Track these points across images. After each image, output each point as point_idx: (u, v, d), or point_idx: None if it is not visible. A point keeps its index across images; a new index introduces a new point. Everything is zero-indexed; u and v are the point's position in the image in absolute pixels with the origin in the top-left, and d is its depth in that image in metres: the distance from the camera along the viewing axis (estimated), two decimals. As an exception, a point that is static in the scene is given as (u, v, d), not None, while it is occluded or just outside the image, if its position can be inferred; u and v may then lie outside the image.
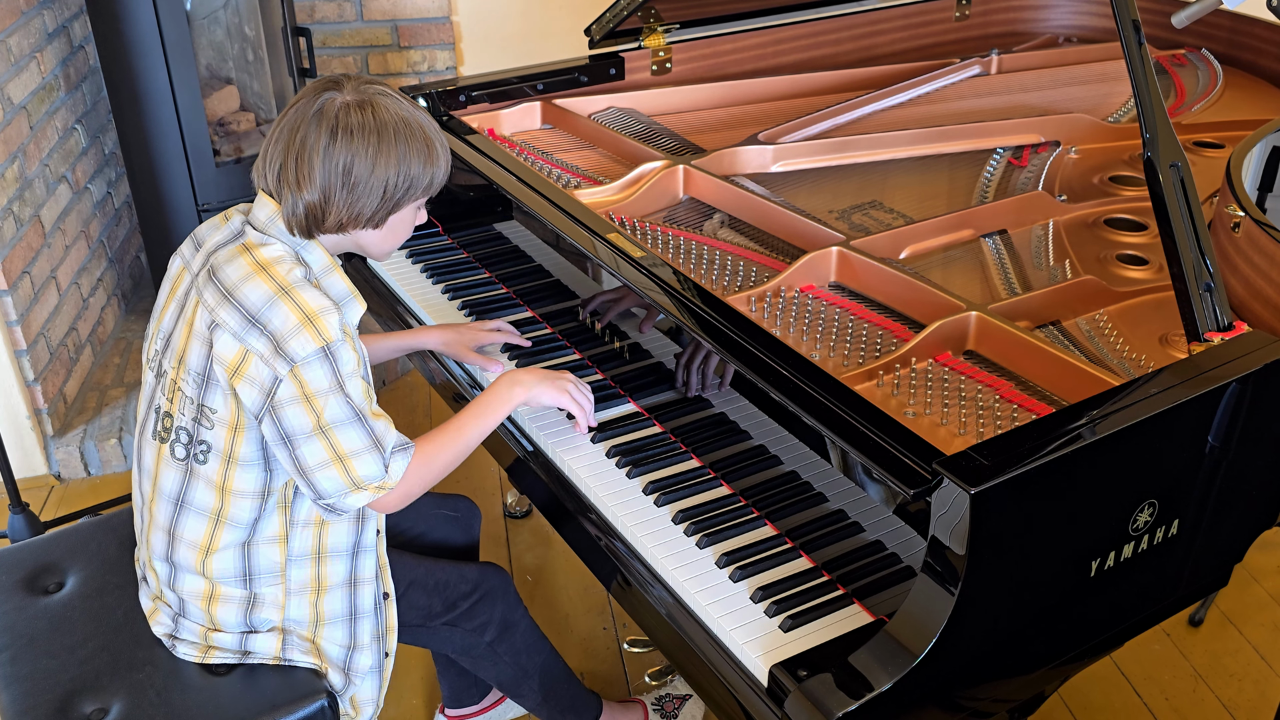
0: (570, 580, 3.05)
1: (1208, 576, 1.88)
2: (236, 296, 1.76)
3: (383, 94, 1.83)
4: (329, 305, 1.77)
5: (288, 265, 1.80)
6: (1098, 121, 2.72)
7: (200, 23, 3.56)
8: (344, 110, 1.78)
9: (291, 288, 1.76)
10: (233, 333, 1.75)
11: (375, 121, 1.79)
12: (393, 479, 1.83)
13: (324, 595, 1.95)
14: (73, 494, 3.47)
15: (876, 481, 1.66)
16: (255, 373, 1.74)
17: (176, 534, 1.90)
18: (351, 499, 1.81)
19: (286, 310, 1.74)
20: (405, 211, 1.90)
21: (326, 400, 1.75)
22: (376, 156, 1.79)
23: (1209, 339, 1.71)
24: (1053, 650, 1.71)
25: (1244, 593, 2.97)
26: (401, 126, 1.82)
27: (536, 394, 2.01)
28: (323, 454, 1.77)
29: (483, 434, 1.98)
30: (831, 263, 2.15)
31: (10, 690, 1.91)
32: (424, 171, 1.85)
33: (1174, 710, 2.64)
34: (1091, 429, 1.53)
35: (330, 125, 1.78)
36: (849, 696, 1.48)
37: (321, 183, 1.79)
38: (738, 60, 3.12)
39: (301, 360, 1.72)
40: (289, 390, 1.74)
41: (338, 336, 1.75)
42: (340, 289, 1.86)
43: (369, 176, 1.80)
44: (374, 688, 2.04)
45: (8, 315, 3.25)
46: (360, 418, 1.78)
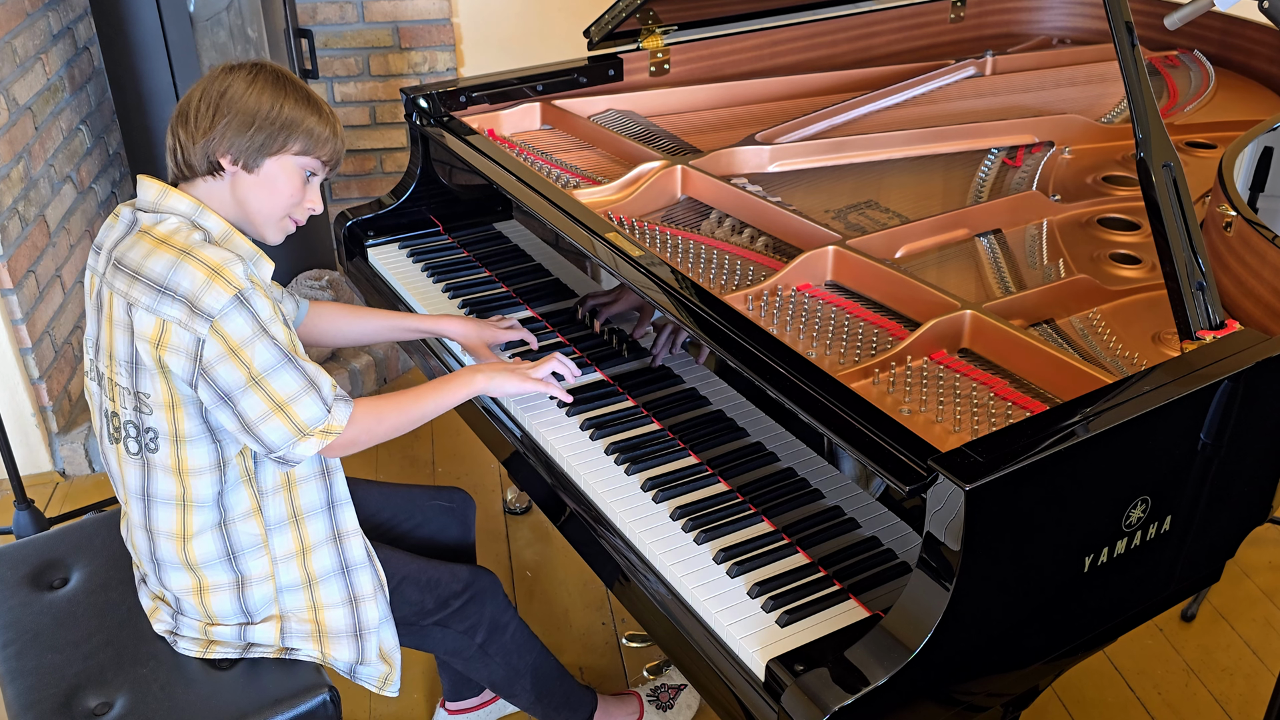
0: (569, 576, 3.06)
1: (1200, 572, 1.88)
2: (143, 272, 1.77)
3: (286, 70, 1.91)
4: (232, 257, 1.78)
5: (185, 232, 1.81)
6: (1091, 122, 2.72)
7: (203, 24, 3.56)
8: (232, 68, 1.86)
9: (192, 248, 1.77)
10: (147, 307, 1.76)
11: (256, 70, 1.86)
12: (337, 421, 1.84)
13: (310, 555, 1.97)
14: (77, 490, 3.48)
15: (872, 478, 1.67)
16: (177, 340, 1.75)
17: (153, 529, 1.91)
18: (300, 447, 1.82)
19: (191, 269, 1.74)
20: (283, 160, 1.89)
21: (253, 348, 1.76)
22: (249, 86, 1.84)
23: (1201, 337, 1.72)
24: (1047, 645, 1.72)
25: (1236, 588, 2.98)
26: (302, 90, 1.88)
27: (499, 382, 2.04)
28: (262, 405, 1.78)
29: (438, 410, 2.00)
30: (828, 262, 2.16)
31: (15, 685, 1.92)
32: (300, 118, 1.87)
33: (1166, 704, 2.65)
34: (1085, 426, 1.54)
35: (216, 75, 1.86)
36: (845, 691, 1.49)
37: (195, 110, 1.84)
38: (735, 61, 3.12)
39: (219, 313, 1.73)
40: (214, 348, 1.75)
41: (246, 284, 1.76)
42: (245, 248, 1.88)
43: (238, 100, 1.83)
44: (393, 635, 2.05)
45: (13, 314, 3.27)
46: (289, 358, 1.79)
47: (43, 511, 3.11)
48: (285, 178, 1.90)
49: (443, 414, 2.03)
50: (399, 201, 2.78)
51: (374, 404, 1.92)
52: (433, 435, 3.68)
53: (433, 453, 3.59)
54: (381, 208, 2.79)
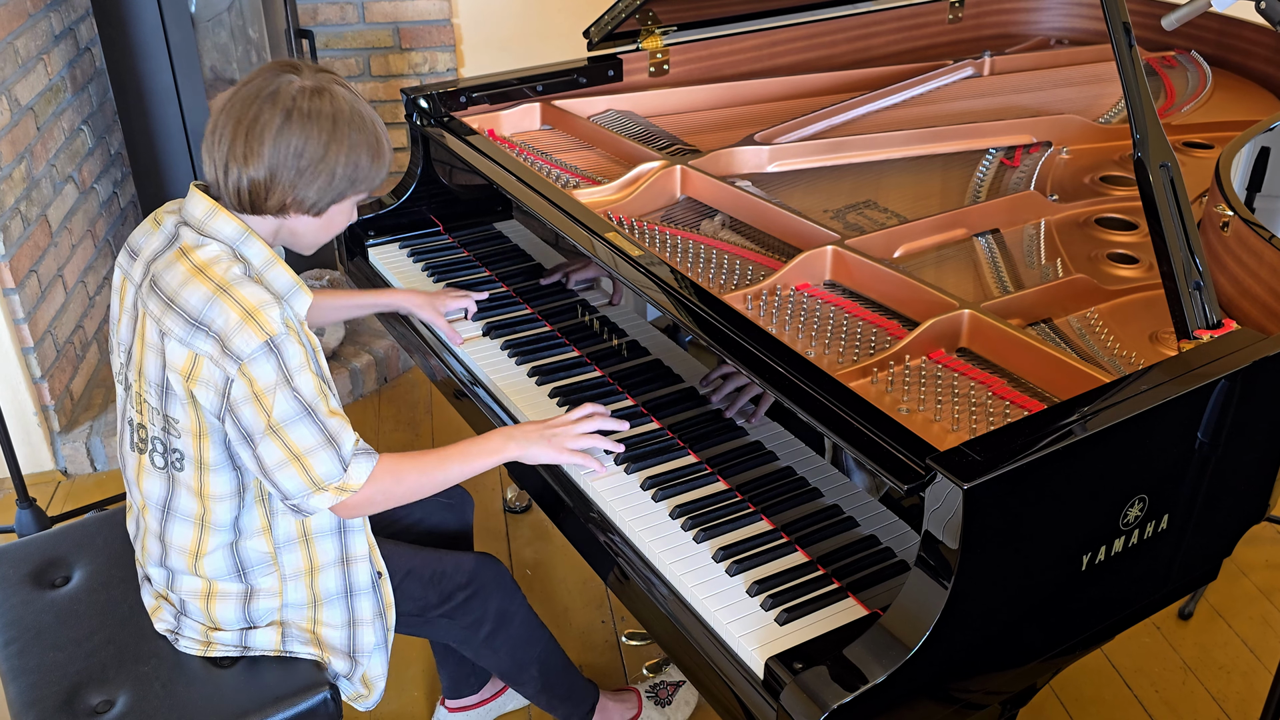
0: (569, 574, 3.06)
1: (1197, 570, 1.89)
2: (178, 302, 1.75)
3: (339, 84, 1.83)
4: (269, 299, 1.75)
5: (225, 264, 1.77)
6: (1089, 122, 2.72)
7: (204, 25, 3.57)
8: (301, 94, 1.77)
9: (230, 285, 1.74)
10: (179, 339, 1.74)
11: (331, 109, 1.78)
12: (353, 480, 1.81)
13: (318, 575, 1.96)
14: (79, 489, 3.49)
15: (871, 477, 1.67)
16: (208, 374, 1.73)
17: (167, 540, 1.92)
18: (315, 500, 1.80)
19: (226, 308, 1.72)
20: (346, 204, 1.89)
21: (274, 396, 1.73)
22: (329, 143, 1.78)
23: (1198, 336, 1.72)
24: (1044, 643, 1.72)
25: (1233, 586, 2.98)
26: (355, 118, 1.81)
27: (533, 453, 1.96)
28: (279, 453, 1.76)
29: (463, 475, 1.94)
30: (826, 261, 2.16)
31: (18, 682, 1.93)
32: (371, 166, 1.85)
33: (1164, 702, 2.65)
34: (1083, 425, 1.54)
35: (286, 106, 1.76)
36: (843, 689, 1.49)
37: (270, 161, 1.77)
38: (734, 62, 3.13)
39: (248, 357, 1.71)
40: (240, 389, 1.72)
41: (280, 330, 1.73)
42: (285, 281, 1.84)
43: (319, 161, 1.79)
44: (382, 663, 2.05)
45: (15, 313, 3.27)
46: (309, 412, 1.76)
47: (44, 510, 3.11)
48: (344, 215, 1.92)
49: (442, 414, 2.03)
50: (399, 201, 2.79)
51: (395, 463, 1.88)
52: (433, 432, 3.68)
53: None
54: (382, 207, 2.79)
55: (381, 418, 3.77)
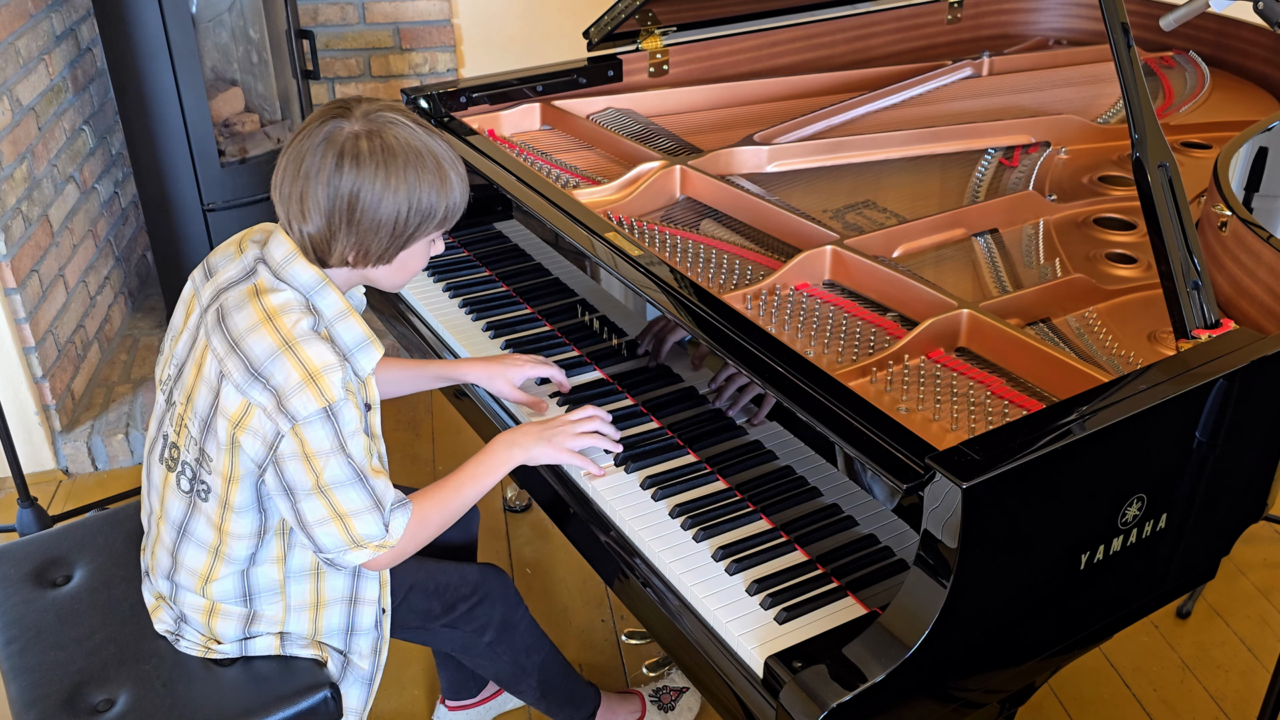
0: (569, 573, 3.07)
1: (1195, 569, 1.89)
2: (242, 348, 1.71)
3: (393, 122, 1.74)
4: (333, 362, 1.70)
5: (295, 315, 1.73)
6: (1087, 122, 2.72)
7: (205, 25, 3.58)
8: (351, 139, 1.70)
9: (296, 342, 1.70)
10: (236, 385, 1.71)
11: (383, 151, 1.70)
12: (393, 538, 1.80)
13: (323, 610, 1.96)
14: (80, 488, 3.49)
15: (870, 476, 1.66)
16: (258, 424, 1.71)
17: (179, 559, 1.91)
18: (351, 556, 1.79)
19: (289, 366, 1.68)
20: (418, 246, 1.82)
21: (327, 461, 1.71)
22: (384, 189, 1.70)
23: (1196, 336, 1.72)
24: (1043, 642, 1.72)
25: (1231, 585, 2.98)
26: (413, 156, 1.72)
27: (534, 455, 1.95)
28: (322, 511, 1.74)
29: (478, 495, 1.95)
30: (826, 261, 2.17)
31: (19, 681, 1.93)
32: (437, 203, 1.76)
33: (1162, 701, 2.66)
34: (1081, 425, 1.54)
35: (336, 154, 1.69)
36: (843, 687, 1.49)
37: (327, 214, 1.71)
38: (733, 62, 3.13)
39: (303, 420, 1.68)
40: (290, 446, 1.70)
41: (340, 396, 1.69)
42: (355, 334, 1.80)
43: (376, 210, 1.71)
44: (361, 697, 2.04)
45: (16, 313, 3.28)
46: (361, 478, 1.74)
47: (45, 509, 3.12)
48: (418, 258, 1.85)
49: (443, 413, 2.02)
50: (400, 201, 2.78)
51: (419, 509, 1.86)
52: (433, 434, 3.69)
53: (433, 451, 3.60)
54: (382, 208, 2.79)
55: (383, 417, 3.76)
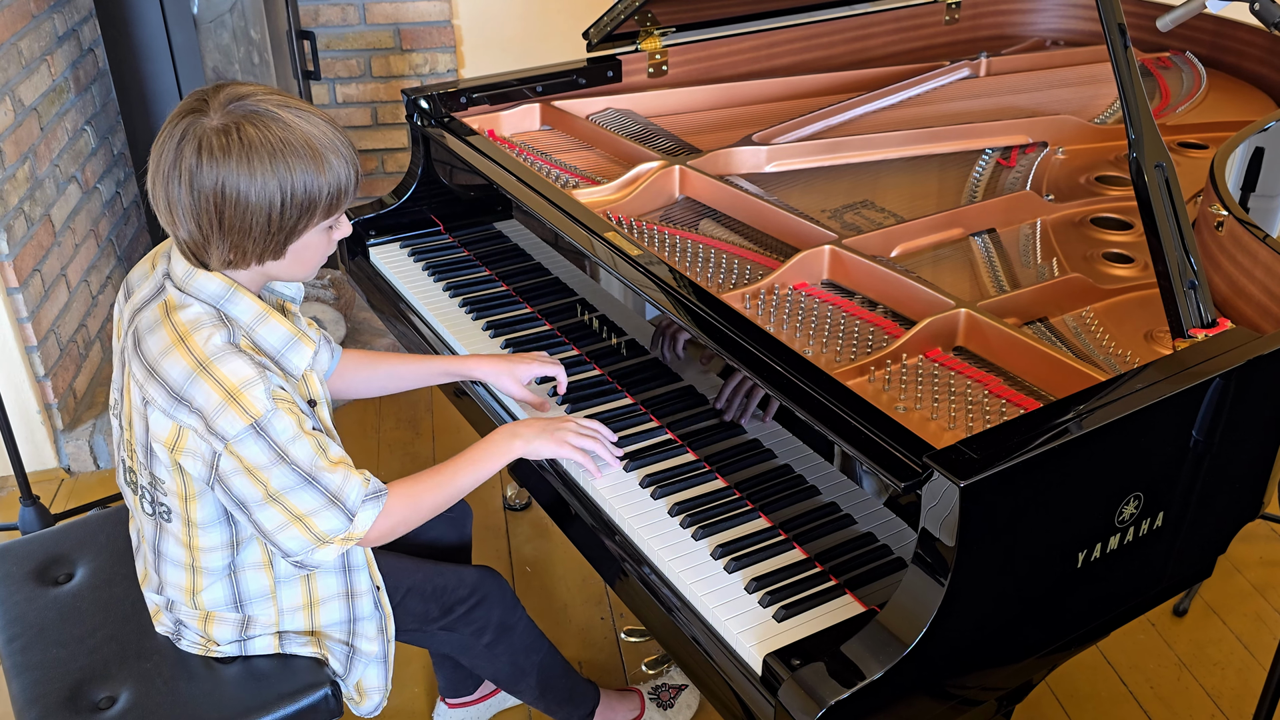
0: (568, 571, 3.07)
1: (1192, 567, 1.89)
2: (159, 373, 1.66)
3: (255, 110, 1.64)
4: (250, 376, 1.64)
5: (206, 331, 1.66)
6: (1084, 123, 2.73)
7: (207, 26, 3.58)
8: (209, 135, 1.61)
9: (209, 362, 1.64)
10: (162, 410, 1.67)
11: (244, 144, 1.60)
12: (359, 529, 1.76)
13: (318, 609, 1.96)
14: (82, 487, 3.50)
15: (868, 475, 1.67)
16: (194, 445, 1.67)
17: (162, 577, 1.91)
18: (319, 554, 1.75)
19: (208, 388, 1.63)
20: (309, 236, 1.72)
21: (270, 472, 1.67)
22: (249, 185, 1.61)
23: (1193, 335, 1.73)
24: (1040, 639, 1.72)
25: (1227, 583, 2.99)
26: (279, 145, 1.62)
27: (536, 447, 1.94)
28: (279, 517, 1.71)
29: (475, 483, 1.91)
30: (824, 261, 2.17)
31: (21, 679, 1.93)
32: (316, 190, 1.66)
33: (1159, 698, 2.66)
34: (1078, 423, 1.54)
35: (194, 152, 1.61)
36: (841, 685, 1.49)
37: (195, 216, 1.63)
38: (732, 63, 3.13)
39: (233, 438, 1.64)
40: (230, 463, 1.66)
41: (266, 408, 1.64)
42: (279, 334, 1.75)
43: (244, 208, 1.62)
44: (380, 675, 2.05)
45: (19, 312, 3.29)
46: (310, 480, 1.70)
47: (48, 508, 3.12)
48: (314, 246, 1.76)
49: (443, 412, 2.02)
50: (400, 201, 2.79)
51: (410, 489, 1.83)
52: (433, 433, 3.69)
53: (433, 450, 3.61)
54: (383, 207, 2.80)
55: (382, 416, 3.78)
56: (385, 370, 2.19)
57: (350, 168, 1.70)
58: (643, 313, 2.10)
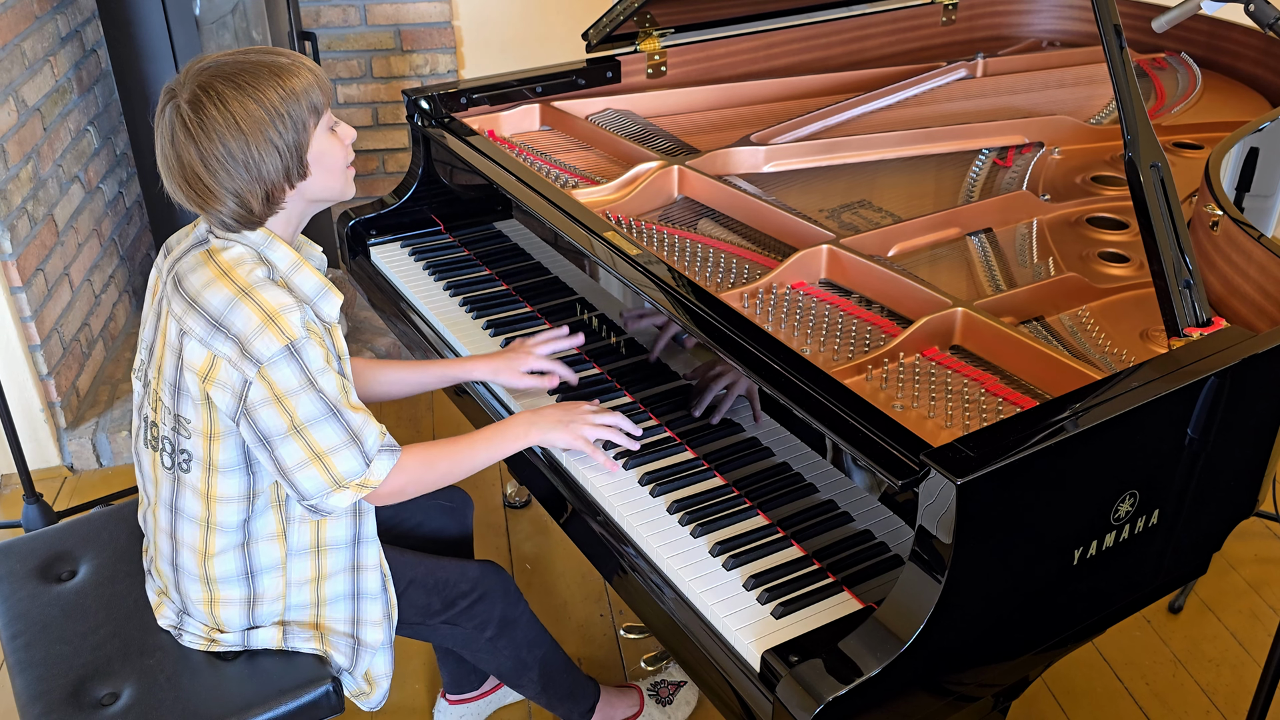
0: (568, 568, 3.08)
1: (1187, 565, 1.90)
2: (200, 303, 1.74)
3: (207, 66, 1.74)
4: (291, 303, 1.73)
5: (249, 266, 1.77)
6: (1080, 123, 2.73)
7: (209, 27, 3.58)
8: (189, 108, 1.70)
9: (252, 288, 1.73)
10: (199, 339, 1.73)
11: (217, 94, 1.70)
12: (375, 476, 1.81)
13: (324, 582, 1.97)
14: (85, 485, 3.50)
15: (866, 472, 1.68)
16: (225, 376, 1.73)
17: (177, 538, 1.92)
18: (334, 498, 1.80)
19: (248, 311, 1.71)
20: (316, 142, 1.80)
21: (298, 399, 1.72)
22: (243, 119, 1.70)
23: (1188, 334, 1.74)
24: (1037, 636, 1.73)
25: (1222, 580, 2.99)
26: (244, 77, 1.71)
27: (551, 437, 1.98)
28: (300, 454, 1.75)
29: (490, 460, 1.97)
30: (822, 260, 2.18)
31: (25, 675, 1.94)
32: (296, 93, 1.74)
33: (1154, 694, 2.67)
34: (1074, 422, 1.55)
35: (194, 130, 1.70)
36: (839, 681, 1.50)
37: (227, 186, 1.73)
38: (731, 64, 3.14)
39: (268, 360, 1.70)
40: (259, 392, 1.72)
41: (301, 334, 1.72)
42: (313, 283, 1.83)
43: (252, 144, 1.71)
44: (387, 663, 2.06)
45: (22, 311, 3.29)
46: (335, 412, 1.76)
47: (51, 505, 3.12)
48: (328, 151, 1.82)
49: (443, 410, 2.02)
50: (401, 201, 2.80)
51: (426, 451, 1.89)
52: (434, 427, 3.70)
53: (433, 449, 3.61)
54: (384, 207, 2.81)
55: (383, 414, 3.78)
56: (386, 377, 2.22)
57: (310, 71, 1.78)
58: (642, 312, 2.11)
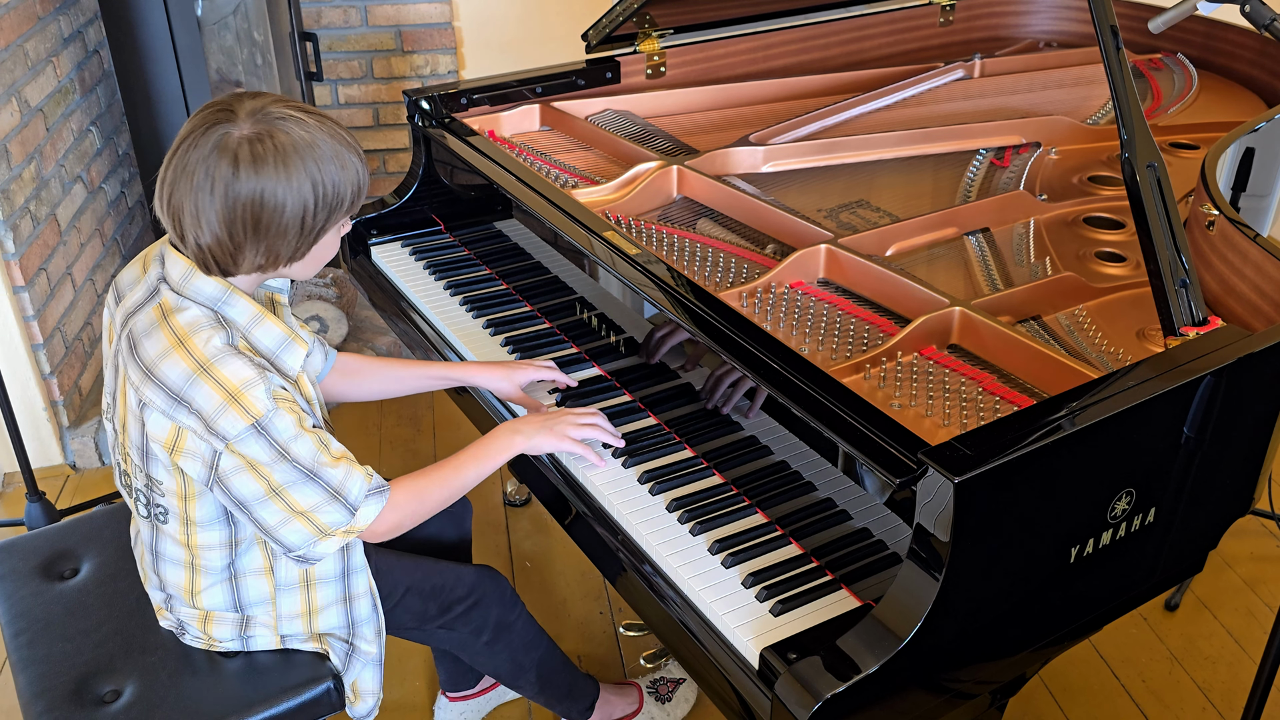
0: (568, 566, 3.09)
1: (1183, 562, 1.90)
2: (157, 375, 1.66)
3: (282, 117, 1.66)
4: (252, 377, 1.65)
5: (206, 334, 1.67)
6: (1077, 123, 2.74)
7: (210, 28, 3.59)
8: (244, 143, 1.62)
9: (210, 364, 1.64)
10: (161, 411, 1.67)
11: (278, 151, 1.63)
12: (362, 522, 1.77)
13: (317, 616, 1.97)
14: (87, 483, 3.51)
15: (864, 471, 1.68)
16: (193, 447, 1.68)
17: (162, 577, 1.92)
18: (321, 546, 1.76)
19: (209, 389, 1.63)
20: (328, 236, 1.76)
21: (273, 468, 1.68)
22: (287, 190, 1.64)
23: (1184, 333, 1.74)
24: (1034, 634, 1.73)
25: (1218, 578, 3.00)
26: (307, 149, 1.65)
27: (537, 443, 1.96)
28: (281, 513, 1.72)
29: (480, 477, 1.93)
30: (820, 260, 2.18)
31: (28, 672, 1.95)
32: (343, 189, 1.70)
33: (1150, 692, 2.68)
34: (1071, 420, 1.55)
35: (230, 161, 1.61)
36: (837, 678, 1.50)
37: (228, 224, 1.64)
38: (729, 64, 3.14)
39: (235, 438, 1.65)
40: (230, 461, 1.67)
41: (267, 408, 1.65)
42: (274, 336, 1.76)
43: (281, 213, 1.65)
44: (374, 679, 2.05)
45: (25, 310, 3.30)
46: (312, 476, 1.71)
47: (53, 504, 3.14)
48: (329, 245, 1.79)
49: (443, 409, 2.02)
50: (401, 201, 2.81)
51: (415, 484, 1.85)
52: (434, 429, 3.71)
53: (434, 447, 3.62)
54: (384, 207, 2.81)
55: (384, 413, 3.79)
56: (384, 375, 2.20)
57: (364, 163, 1.74)
58: (641, 311, 2.11)
